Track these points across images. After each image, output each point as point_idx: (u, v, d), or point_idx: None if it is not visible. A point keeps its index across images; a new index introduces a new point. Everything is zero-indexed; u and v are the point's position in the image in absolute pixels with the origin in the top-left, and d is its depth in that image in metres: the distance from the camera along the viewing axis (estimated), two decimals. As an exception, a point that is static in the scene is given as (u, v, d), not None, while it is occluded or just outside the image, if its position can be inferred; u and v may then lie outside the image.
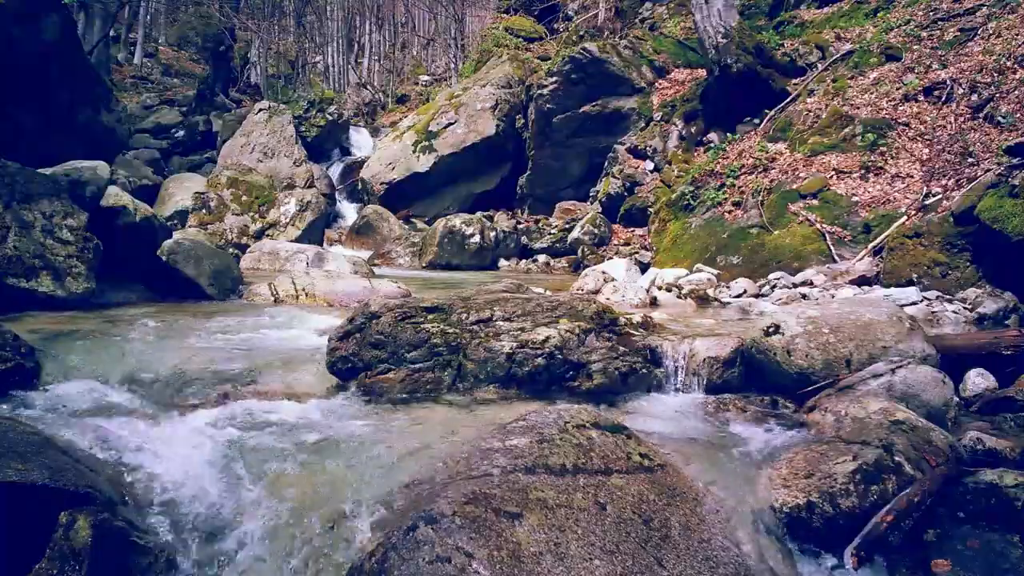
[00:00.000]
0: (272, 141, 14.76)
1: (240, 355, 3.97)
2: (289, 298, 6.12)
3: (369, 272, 8.41)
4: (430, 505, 2.06)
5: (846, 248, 7.41)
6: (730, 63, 10.57)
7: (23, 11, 8.79)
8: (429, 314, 3.73)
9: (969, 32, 9.50)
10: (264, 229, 11.47)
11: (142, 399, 3.18)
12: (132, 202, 5.87)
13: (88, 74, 10.57)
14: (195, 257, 6.10)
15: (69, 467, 2.22)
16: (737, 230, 8.49)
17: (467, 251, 11.58)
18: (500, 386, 3.49)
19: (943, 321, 5.19)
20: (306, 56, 30.39)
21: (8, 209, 4.89)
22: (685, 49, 14.09)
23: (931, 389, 3.29)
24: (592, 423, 2.58)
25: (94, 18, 17.07)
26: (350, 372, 3.58)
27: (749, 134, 10.33)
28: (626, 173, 12.28)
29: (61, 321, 4.45)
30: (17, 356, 3.21)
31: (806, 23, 12.99)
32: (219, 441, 2.77)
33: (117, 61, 23.91)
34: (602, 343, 3.71)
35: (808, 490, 2.49)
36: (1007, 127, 7.36)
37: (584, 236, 11.59)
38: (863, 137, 8.59)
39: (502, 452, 2.38)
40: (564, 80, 13.34)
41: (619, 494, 2.23)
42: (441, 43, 28.64)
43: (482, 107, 15.39)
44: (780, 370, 3.56)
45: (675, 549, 2.13)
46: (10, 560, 1.96)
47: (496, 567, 1.87)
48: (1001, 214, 5.55)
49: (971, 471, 2.64)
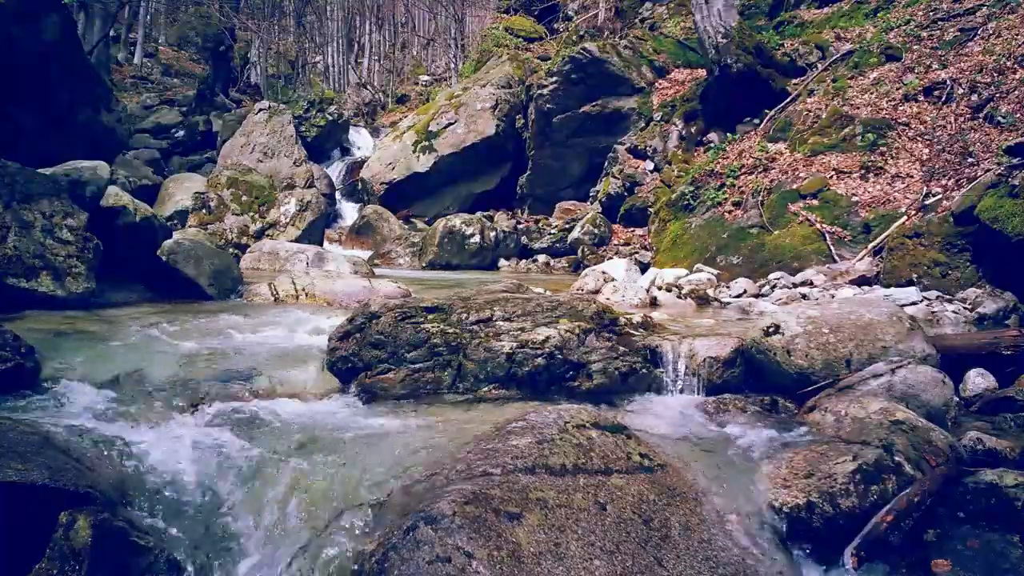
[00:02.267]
0: (272, 141, 14.75)
1: (240, 355, 3.97)
2: (289, 298, 6.12)
3: (369, 272, 8.41)
4: (430, 505, 2.06)
5: (846, 248, 7.41)
6: (730, 63, 10.57)
7: (23, 11, 8.78)
8: (429, 314, 3.73)
9: (969, 32, 9.50)
10: (264, 229, 11.46)
11: (142, 399, 3.17)
12: (132, 202, 5.87)
13: (88, 74, 10.55)
14: (195, 257, 6.10)
15: (69, 467, 2.22)
16: (737, 230, 8.49)
17: (467, 251, 11.58)
18: (500, 386, 3.49)
19: (943, 321, 5.20)
20: (306, 56, 30.39)
21: (8, 209, 4.89)
22: (685, 49, 14.09)
23: (931, 389, 3.29)
24: (592, 423, 2.58)
25: (94, 18, 17.05)
26: (350, 372, 3.58)
27: (749, 134, 10.33)
28: (626, 173, 12.28)
29: (61, 321, 4.45)
30: (17, 356, 3.21)
31: (806, 23, 12.99)
32: (219, 441, 2.77)
33: (117, 61, 23.89)
34: (602, 343, 3.71)
35: (808, 490, 2.49)
36: (1007, 127, 7.36)
37: (584, 236, 11.59)
38: (863, 137, 8.59)
39: (502, 452, 2.38)
40: (564, 80, 13.34)
41: (619, 494, 2.23)
42: (441, 43, 28.64)
43: (482, 107, 15.39)
44: (780, 370, 3.56)
45: (675, 549, 2.13)
46: (10, 560, 1.96)
47: (496, 567, 1.87)
48: (1001, 214, 5.55)
49: (971, 471, 2.64)
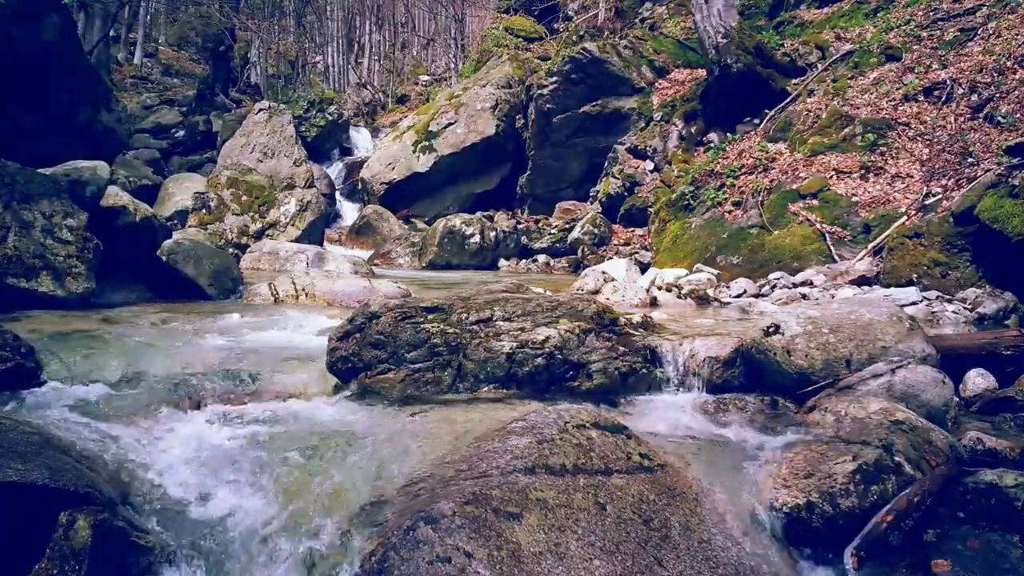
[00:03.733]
0: (272, 141, 14.75)
1: (240, 355, 3.97)
2: (289, 298, 6.12)
3: (369, 272, 8.41)
4: (430, 505, 2.06)
5: (846, 248, 7.41)
6: (730, 63, 10.57)
7: (23, 11, 8.78)
8: (429, 314, 3.72)
9: (969, 32, 9.51)
10: (264, 229, 11.46)
11: (142, 399, 3.18)
12: (132, 202, 5.87)
13: (88, 74, 10.55)
14: (195, 257, 6.10)
15: (69, 467, 2.22)
16: (737, 230, 8.49)
17: (467, 251, 11.58)
18: (500, 386, 3.49)
19: (943, 321, 5.20)
20: (306, 56, 30.39)
21: (8, 209, 4.89)
22: (685, 49, 14.09)
23: (931, 389, 3.28)
24: (592, 423, 2.58)
25: (94, 18, 17.06)
26: (350, 372, 3.58)
27: (749, 134, 10.33)
28: (626, 173, 12.28)
29: (61, 321, 4.45)
30: (17, 356, 3.21)
31: (806, 23, 12.99)
32: (219, 441, 2.77)
33: (117, 61, 23.89)
34: (602, 343, 3.71)
35: (808, 490, 2.49)
36: (1007, 127, 7.36)
37: (584, 236, 11.59)
38: (863, 137, 8.59)
39: (502, 452, 2.38)
40: (564, 80, 13.34)
41: (619, 494, 2.23)
42: (441, 43, 28.65)
43: (482, 107, 15.39)
44: (780, 370, 3.56)
45: (675, 549, 2.13)
46: (10, 560, 1.96)
47: (496, 567, 1.87)
48: (1001, 214, 5.55)
49: (971, 471, 2.63)
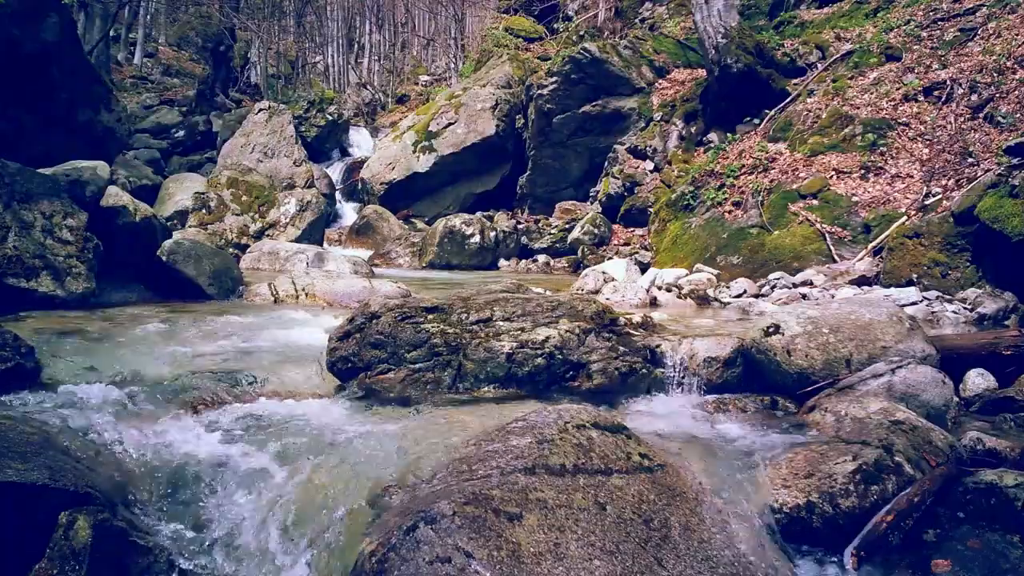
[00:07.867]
0: (272, 141, 14.75)
1: (240, 355, 3.97)
2: (289, 298, 6.12)
3: (369, 272, 8.41)
4: (430, 505, 2.06)
5: (846, 248, 7.41)
6: (730, 63, 10.57)
7: (23, 11, 8.79)
8: (429, 314, 3.72)
9: (969, 32, 9.51)
10: (264, 229, 11.46)
11: (142, 399, 3.17)
12: (132, 202, 5.87)
13: (88, 74, 10.55)
14: (195, 257, 6.10)
15: (69, 467, 2.22)
16: (737, 230, 8.49)
17: (467, 251, 11.58)
18: (500, 386, 3.49)
19: (943, 321, 5.20)
20: (306, 56, 30.40)
21: (8, 209, 4.89)
22: (685, 49, 14.09)
23: (931, 389, 3.28)
24: (592, 423, 2.58)
25: (94, 18, 17.06)
26: (350, 372, 3.58)
27: (749, 134, 10.33)
28: (626, 173, 12.28)
29: (61, 321, 4.45)
30: (17, 356, 3.21)
31: (806, 23, 13.00)
32: (218, 441, 2.78)
33: (117, 61, 23.86)
34: (602, 343, 3.71)
35: (808, 490, 2.49)
36: (1007, 127, 7.37)
37: (584, 236, 11.59)
38: (863, 137, 8.58)
39: (502, 452, 2.38)
40: (564, 80, 13.34)
41: (619, 494, 2.23)
42: (441, 43, 28.65)
43: (482, 107, 15.39)
44: (780, 370, 3.56)
45: (675, 549, 2.13)
46: (10, 560, 1.96)
47: (496, 567, 1.87)
48: (1001, 214, 5.55)
49: (971, 471, 2.63)
